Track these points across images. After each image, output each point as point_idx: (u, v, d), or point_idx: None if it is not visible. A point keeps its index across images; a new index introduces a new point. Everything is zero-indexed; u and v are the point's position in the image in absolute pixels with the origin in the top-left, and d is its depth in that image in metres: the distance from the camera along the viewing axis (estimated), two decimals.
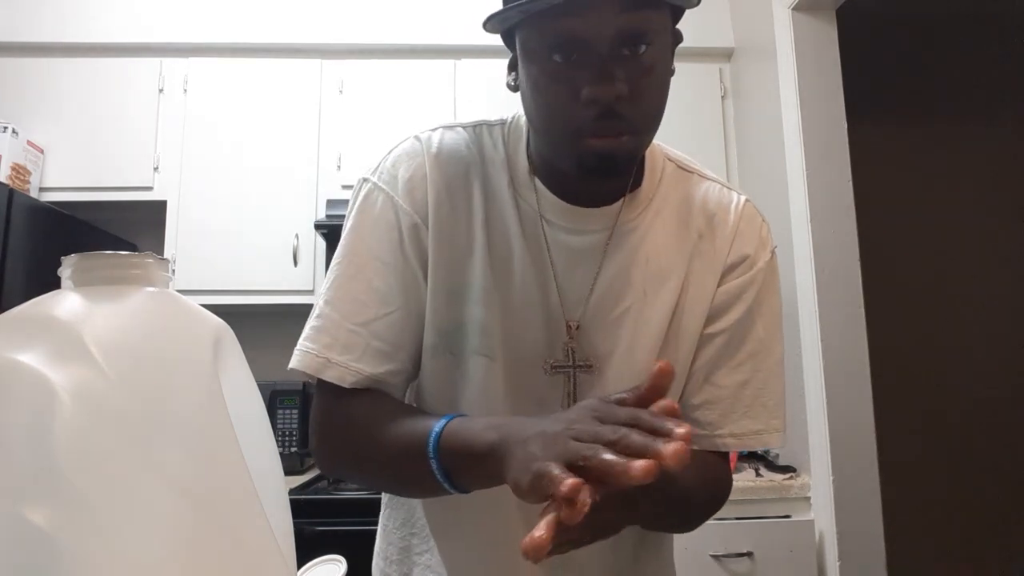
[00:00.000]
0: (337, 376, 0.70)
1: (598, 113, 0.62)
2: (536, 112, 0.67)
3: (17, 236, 2.02)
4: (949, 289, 2.94)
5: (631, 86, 0.62)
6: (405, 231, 0.73)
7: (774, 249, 0.80)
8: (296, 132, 2.47)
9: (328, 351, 0.70)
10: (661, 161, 0.79)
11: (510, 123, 0.78)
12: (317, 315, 0.73)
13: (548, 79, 0.64)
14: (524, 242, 0.73)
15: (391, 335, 0.72)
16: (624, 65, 0.62)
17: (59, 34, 2.48)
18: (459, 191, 0.74)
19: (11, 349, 0.37)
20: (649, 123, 0.67)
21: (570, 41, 0.62)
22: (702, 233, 0.77)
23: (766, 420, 0.76)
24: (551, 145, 0.69)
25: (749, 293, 0.76)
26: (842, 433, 1.89)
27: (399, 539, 0.83)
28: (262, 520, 0.40)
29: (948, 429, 2.85)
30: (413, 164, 0.74)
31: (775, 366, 0.77)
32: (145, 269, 0.44)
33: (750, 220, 0.79)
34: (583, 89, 0.62)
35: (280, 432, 2.32)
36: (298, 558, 0.51)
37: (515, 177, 0.75)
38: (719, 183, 0.81)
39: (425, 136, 0.76)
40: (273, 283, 2.37)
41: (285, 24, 2.53)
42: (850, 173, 2.02)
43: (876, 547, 1.87)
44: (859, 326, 1.96)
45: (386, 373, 0.72)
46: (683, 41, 0.71)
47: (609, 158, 0.64)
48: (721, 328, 0.76)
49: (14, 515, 0.33)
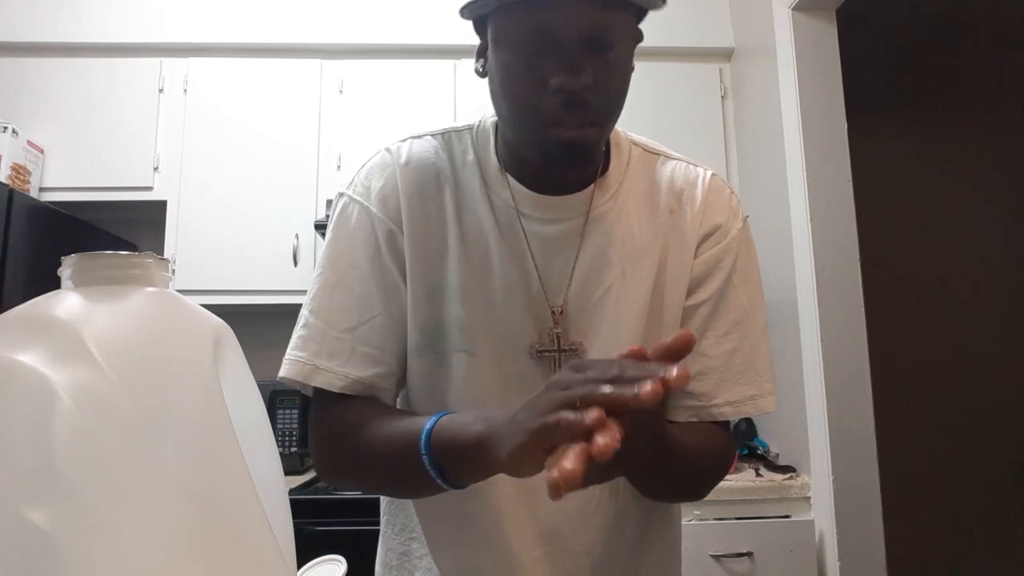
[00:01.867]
0: (326, 382, 0.73)
1: (564, 102, 0.65)
2: (504, 99, 0.69)
3: (17, 236, 2.02)
4: (949, 289, 2.93)
5: (596, 78, 0.65)
6: (381, 238, 0.76)
7: (745, 218, 0.83)
8: (296, 132, 2.47)
9: (316, 358, 0.73)
10: (627, 146, 0.82)
11: (477, 127, 0.81)
12: (303, 325, 0.76)
13: (519, 67, 0.67)
14: (501, 237, 0.76)
15: (376, 339, 0.75)
16: (591, 59, 0.65)
17: (59, 34, 2.48)
18: (431, 196, 0.77)
19: (11, 349, 0.37)
20: (611, 114, 0.70)
21: (543, 33, 0.65)
22: (673, 209, 0.79)
23: (759, 385, 0.78)
24: (517, 133, 0.72)
25: (726, 262, 0.79)
26: (842, 433, 1.89)
27: (398, 544, 0.84)
28: (262, 520, 0.40)
29: (948, 429, 2.85)
30: (385, 175, 0.78)
31: (761, 331, 0.80)
32: (145, 269, 0.44)
33: (718, 192, 0.81)
34: (552, 79, 0.65)
35: (280, 432, 2.32)
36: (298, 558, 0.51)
37: (487, 176, 0.78)
38: (685, 161, 0.84)
39: (395, 147, 0.80)
40: (273, 283, 2.37)
41: (285, 24, 2.53)
42: (850, 173, 2.02)
43: (876, 547, 1.87)
44: (859, 326, 1.96)
45: (374, 376, 0.75)
46: (643, 40, 0.75)
47: (572, 148, 0.67)
48: (703, 298, 0.78)
49: (14, 515, 0.33)
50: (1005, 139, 3.01)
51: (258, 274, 2.37)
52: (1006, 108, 3.02)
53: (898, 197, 2.95)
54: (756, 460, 2.18)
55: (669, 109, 2.49)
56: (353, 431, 0.73)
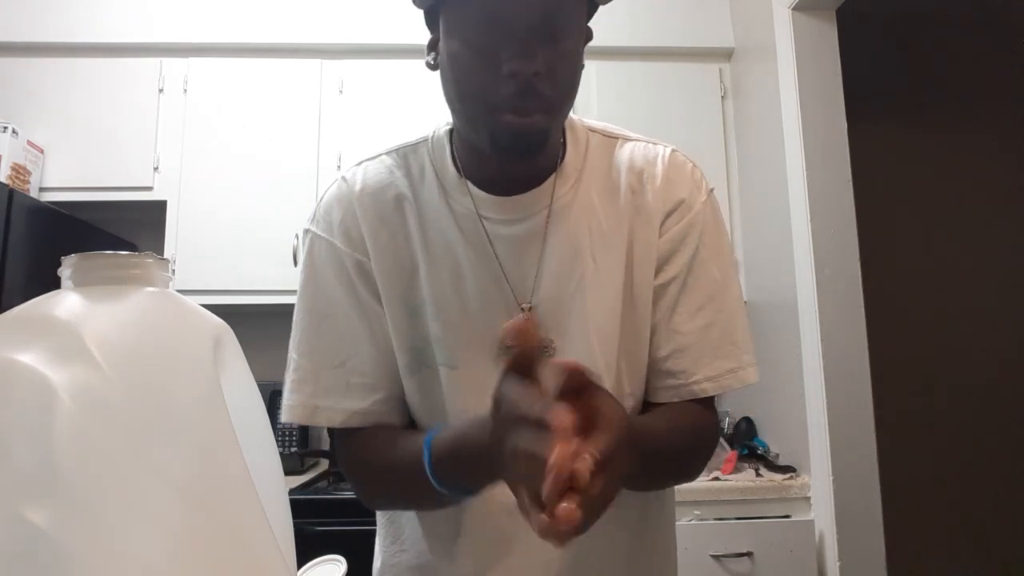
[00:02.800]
0: (327, 419, 0.75)
1: (517, 88, 0.65)
2: (455, 88, 0.69)
3: (17, 236, 2.02)
4: (949, 289, 2.93)
5: (548, 66, 0.66)
6: (352, 271, 0.77)
7: (711, 191, 0.81)
8: (296, 132, 2.46)
9: (312, 399, 0.76)
10: (584, 133, 0.81)
11: (431, 138, 0.81)
12: (294, 369, 0.77)
13: (470, 54, 0.67)
14: (467, 245, 0.76)
15: (368, 368, 0.76)
16: (542, 47, 0.65)
17: (59, 34, 2.48)
18: (392, 217, 0.77)
19: (11, 349, 0.37)
20: (562, 103, 0.70)
21: (495, 20, 0.65)
22: (635, 189, 0.79)
23: (738, 357, 0.77)
24: (468, 123, 0.71)
25: (692, 236, 0.78)
26: (842, 433, 1.89)
27: (390, 556, 0.84)
28: (262, 520, 0.40)
29: (949, 429, 2.85)
30: (342, 205, 0.79)
31: (736, 304, 0.79)
32: (145, 269, 0.44)
33: (679, 167, 0.80)
34: (504, 64, 0.65)
35: (280, 432, 2.32)
36: (298, 558, 0.51)
37: (446, 186, 0.77)
38: (644, 140, 0.83)
39: (350, 175, 0.81)
40: (273, 283, 2.36)
41: (285, 24, 2.53)
42: (850, 173, 2.02)
43: (876, 547, 1.87)
44: (859, 326, 1.96)
45: (374, 404, 0.76)
46: (593, 39, 0.75)
47: (522, 136, 0.67)
48: (672, 275, 0.77)
49: (14, 515, 0.33)
50: (1005, 139, 3.01)
51: (258, 274, 2.37)
52: (1006, 108, 3.02)
53: (898, 197, 2.95)
54: (756, 460, 2.18)
55: (669, 109, 2.49)
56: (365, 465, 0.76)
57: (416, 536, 0.81)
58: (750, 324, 0.81)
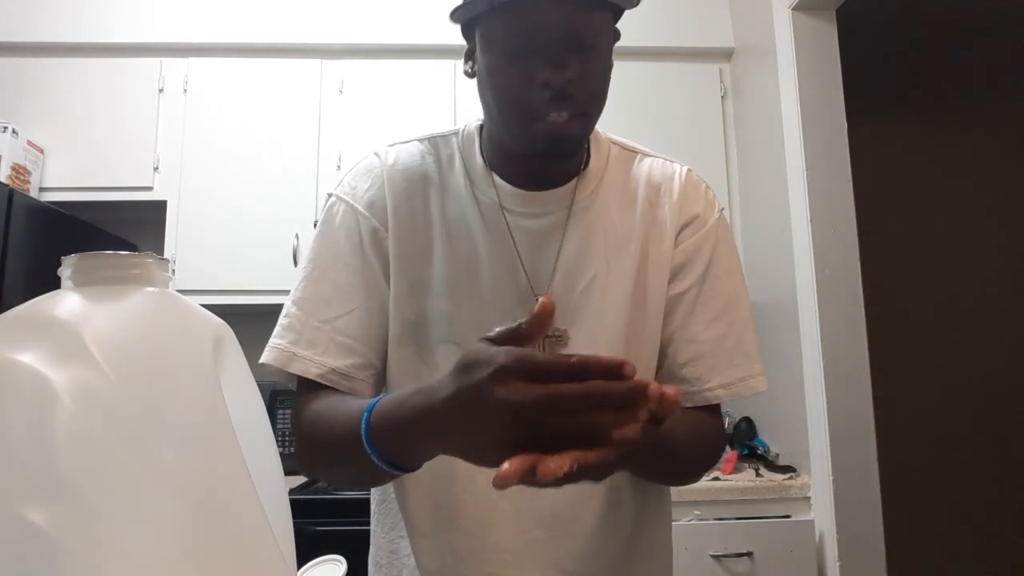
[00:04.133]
0: (302, 368, 0.76)
1: (551, 96, 0.70)
2: (493, 96, 0.74)
3: (17, 236, 2.02)
4: (949, 288, 2.93)
5: (580, 73, 0.70)
6: (365, 235, 0.79)
7: (722, 210, 0.86)
8: (296, 132, 2.46)
9: (294, 346, 0.76)
10: (607, 144, 0.86)
11: (462, 131, 0.85)
12: (285, 315, 0.79)
13: (507, 65, 0.71)
14: (488, 233, 0.79)
15: (353, 330, 0.78)
16: (574, 56, 0.70)
17: (59, 34, 2.48)
18: (417, 196, 0.81)
19: (11, 349, 0.37)
20: (596, 106, 0.74)
21: (529, 33, 0.69)
22: (652, 202, 0.83)
23: (749, 367, 0.81)
24: (505, 128, 0.76)
25: (705, 249, 0.82)
26: (842, 433, 1.89)
27: (387, 543, 0.84)
28: (262, 520, 0.40)
29: (949, 429, 2.85)
30: (371, 176, 0.82)
31: (747, 318, 0.84)
32: (145, 269, 0.44)
33: (695, 185, 0.85)
34: (538, 75, 0.69)
35: (280, 432, 2.32)
36: (298, 558, 0.51)
37: (472, 176, 0.82)
38: (661, 158, 0.88)
39: (383, 151, 0.84)
40: (273, 283, 2.36)
41: (285, 24, 2.53)
42: (850, 173, 2.02)
43: (876, 547, 1.87)
44: (859, 326, 1.96)
45: (350, 367, 0.77)
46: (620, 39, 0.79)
47: (559, 139, 0.72)
48: (687, 286, 0.81)
49: (14, 515, 0.33)
50: (1005, 139, 3.01)
51: (258, 274, 2.37)
52: (1006, 108, 3.02)
53: (898, 197, 2.95)
54: (756, 460, 2.18)
55: (669, 109, 2.49)
56: (310, 421, 0.73)
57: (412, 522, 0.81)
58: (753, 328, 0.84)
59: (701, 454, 0.80)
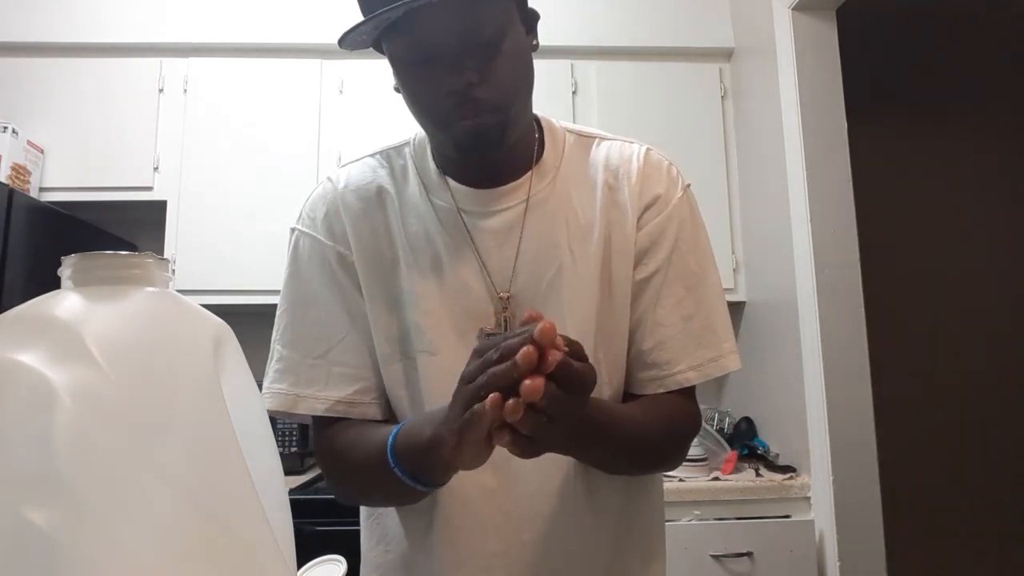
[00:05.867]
0: (309, 408, 0.77)
1: (456, 102, 0.70)
2: (412, 109, 0.75)
3: (17, 236, 2.02)
4: (949, 289, 2.93)
5: (482, 72, 0.69)
6: (334, 262, 0.80)
7: (687, 186, 0.84)
8: (296, 132, 2.47)
9: (295, 388, 0.78)
10: (562, 133, 0.85)
11: (414, 140, 0.85)
12: (277, 359, 0.80)
13: (413, 81, 0.72)
14: (447, 238, 0.79)
15: (349, 358, 0.79)
16: (475, 55, 0.69)
17: (59, 34, 2.48)
18: (374, 211, 0.81)
19: (11, 349, 0.37)
20: (508, 98, 0.73)
21: (423, 46, 0.70)
22: (611, 186, 0.82)
23: (718, 346, 0.80)
24: (431, 136, 0.78)
25: (670, 230, 0.80)
26: (842, 433, 1.89)
27: (375, 557, 0.84)
28: (262, 520, 0.40)
29: (949, 429, 2.85)
30: (327, 202, 0.82)
31: (715, 294, 0.82)
32: (145, 269, 0.44)
33: (655, 164, 0.83)
34: (441, 84, 0.70)
35: (280, 432, 2.32)
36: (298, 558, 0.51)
37: (427, 182, 0.81)
38: (620, 140, 0.86)
39: (335, 175, 0.85)
40: (273, 283, 2.34)
41: (285, 24, 2.53)
42: (850, 173, 2.02)
43: (876, 547, 1.87)
44: (859, 326, 1.96)
45: (355, 393, 0.78)
46: (540, 18, 0.78)
47: (479, 135, 0.71)
48: (653, 269, 0.80)
49: (14, 515, 0.33)
50: (1005, 139, 3.01)
51: (258, 274, 2.37)
52: (1006, 108, 3.02)
53: (898, 197, 2.95)
54: (756, 460, 2.18)
55: (669, 109, 2.49)
56: (337, 455, 0.77)
57: (400, 536, 0.81)
58: (740, 318, 0.83)
59: (667, 440, 0.79)
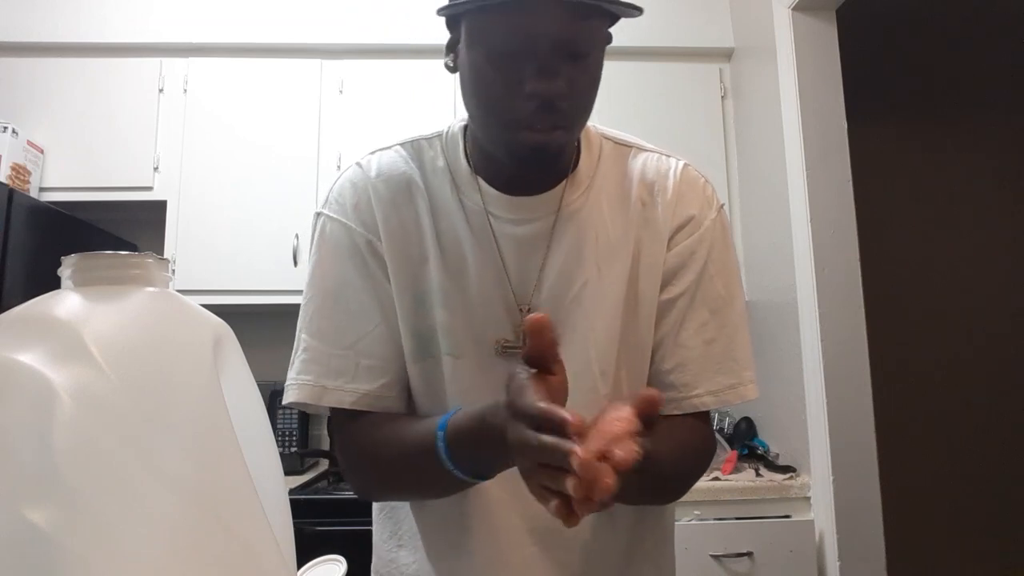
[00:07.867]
0: (336, 400, 0.75)
1: (538, 107, 0.65)
2: (475, 98, 0.70)
3: (17, 236, 2.02)
4: (950, 289, 2.93)
5: (570, 84, 0.66)
6: (364, 250, 0.77)
7: (721, 207, 0.81)
8: (296, 132, 2.46)
9: (322, 379, 0.75)
10: (598, 141, 0.81)
11: (446, 133, 0.81)
12: (303, 348, 0.77)
13: (491, 67, 0.67)
14: (474, 240, 0.76)
15: (378, 350, 0.76)
16: (565, 65, 0.66)
17: (58, 34, 2.48)
18: (404, 204, 0.78)
19: (11, 349, 0.37)
20: (581, 119, 0.71)
21: (517, 35, 0.64)
22: (645, 202, 0.79)
23: (738, 373, 0.78)
24: (485, 131, 0.72)
25: (700, 252, 0.78)
26: (842, 433, 1.89)
27: (386, 552, 0.84)
28: (262, 520, 0.40)
29: (949, 429, 2.85)
30: (357, 189, 0.79)
31: (739, 320, 0.79)
32: (145, 269, 0.44)
33: (691, 183, 0.80)
34: (526, 83, 0.65)
35: (280, 432, 2.32)
36: (298, 558, 0.51)
37: (457, 180, 0.78)
38: (657, 152, 0.83)
39: (365, 161, 0.81)
40: (273, 283, 2.36)
41: (285, 24, 2.53)
42: (850, 173, 2.02)
43: (876, 547, 1.87)
44: (859, 326, 1.96)
45: (381, 387, 0.76)
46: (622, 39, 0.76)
47: (540, 150, 0.68)
48: (679, 291, 0.78)
49: (14, 515, 0.33)
50: (1005, 138, 3.01)
51: (258, 274, 2.37)
52: (1006, 108, 3.02)
53: (898, 197, 2.95)
54: (756, 460, 2.18)
55: (669, 109, 2.49)
56: (373, 448, 0.75)
57: (413, 531, 0.81)
58: (751, 328, 0.82)
59: (689, 466, 0.77)
